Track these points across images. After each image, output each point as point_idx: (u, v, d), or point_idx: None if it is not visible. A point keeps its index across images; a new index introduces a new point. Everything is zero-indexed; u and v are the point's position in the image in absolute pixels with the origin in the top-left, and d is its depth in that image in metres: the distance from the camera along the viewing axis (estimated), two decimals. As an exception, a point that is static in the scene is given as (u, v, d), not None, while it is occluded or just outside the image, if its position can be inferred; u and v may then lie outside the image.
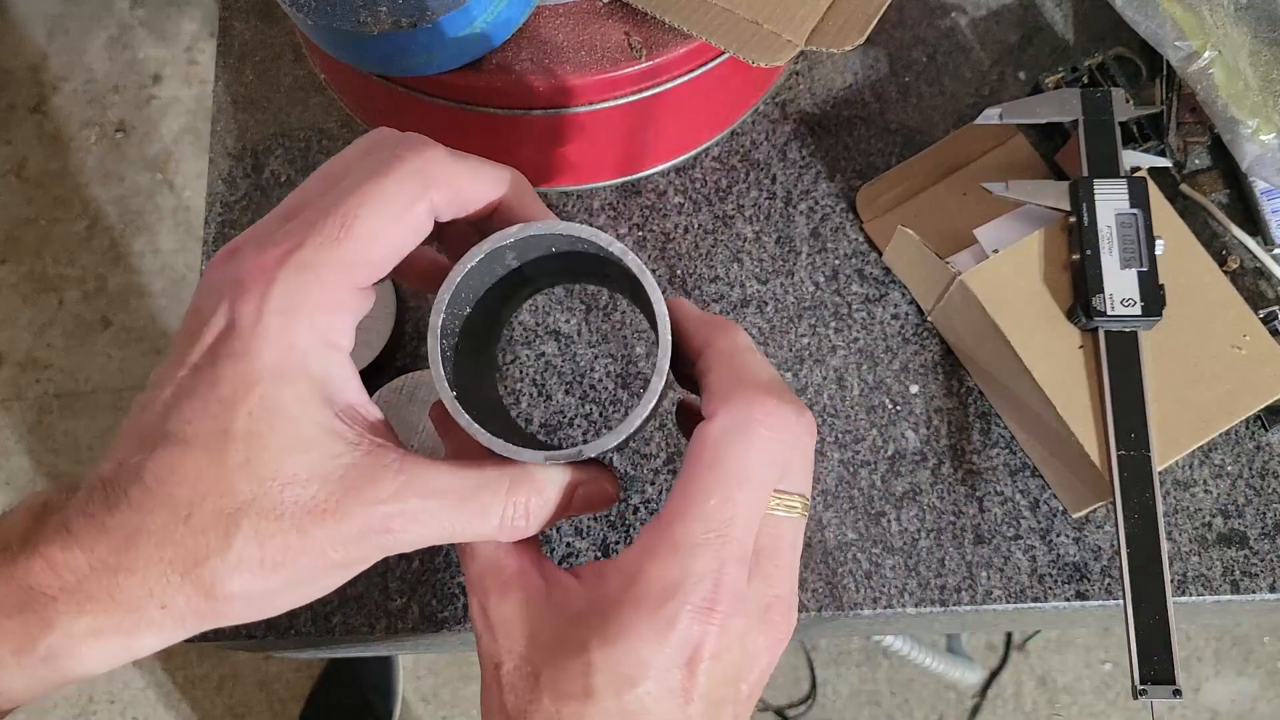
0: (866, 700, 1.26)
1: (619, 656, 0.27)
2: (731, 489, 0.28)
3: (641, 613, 0.27)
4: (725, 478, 0.28)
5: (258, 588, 0.27)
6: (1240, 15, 0.56)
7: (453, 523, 0.28)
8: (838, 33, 0.48)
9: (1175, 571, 0.53)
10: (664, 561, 0.27)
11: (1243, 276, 0.58)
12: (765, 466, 0.28)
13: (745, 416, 0.28)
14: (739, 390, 0.28)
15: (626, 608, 0.27)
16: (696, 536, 0.27)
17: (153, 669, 1.29)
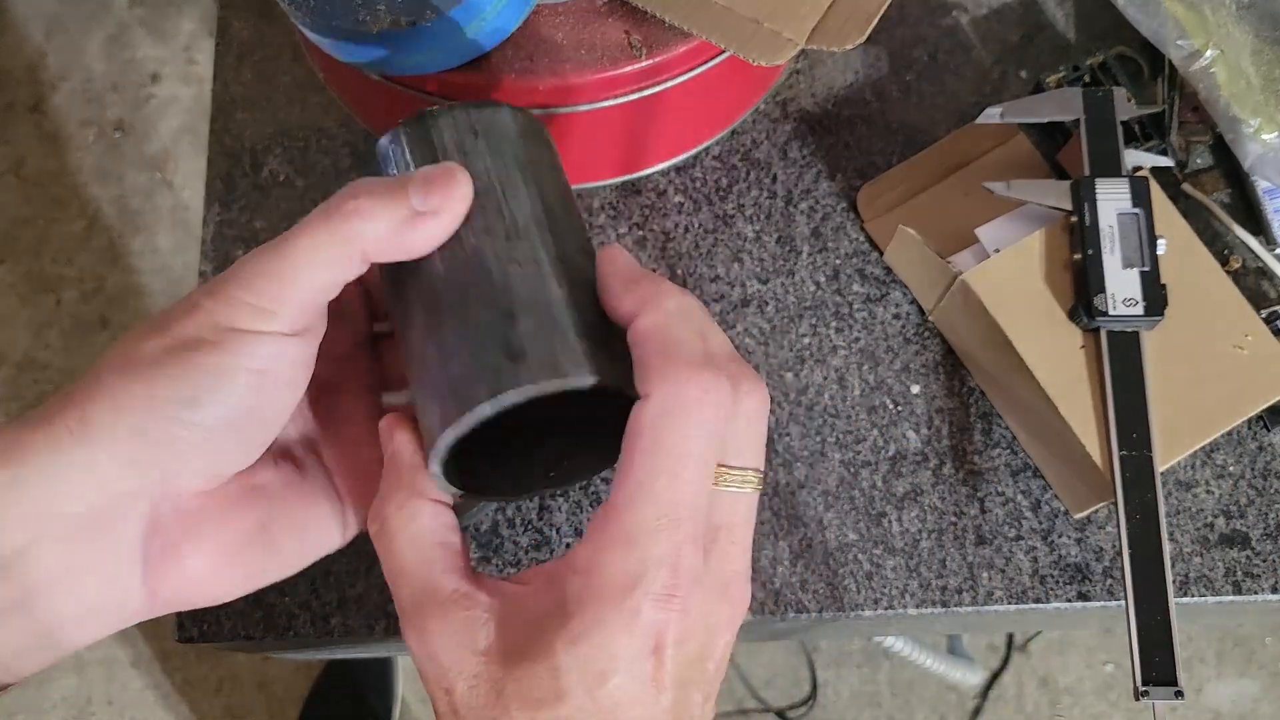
0: (867, 701, 1.26)
1: (588, 653, 0.26)
2: (676, 470, 0.27)
3: (605, 606, 0.26)
4: (668, 459, 0.27)
5: None
6: (1242, 14, 0.56)
7: None
8: (839, 31, 0.48)
9: (1177, 572, 0.53)
10: (620, 552, 0.27)
11: (1245, 276, 0.58)
12: (707, 443, 0.27)
13: (680, 394, 0.27)
14: (671, 367, 0.27)
15: (589, 603, 0.27)
16: (649, 522, 0.27)
17: (151, 670, 1.29)
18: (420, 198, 0.29)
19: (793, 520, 0.54)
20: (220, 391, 0.28)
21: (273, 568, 0.31)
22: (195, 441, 0.28)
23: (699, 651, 0.28)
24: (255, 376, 0.28)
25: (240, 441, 0.29)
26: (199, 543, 0.29)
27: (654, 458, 0.27)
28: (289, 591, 0.52)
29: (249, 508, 0.31)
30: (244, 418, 0.29)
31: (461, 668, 0.27)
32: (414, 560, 0.29)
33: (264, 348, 0.28)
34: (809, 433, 0.55)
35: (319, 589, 0.52)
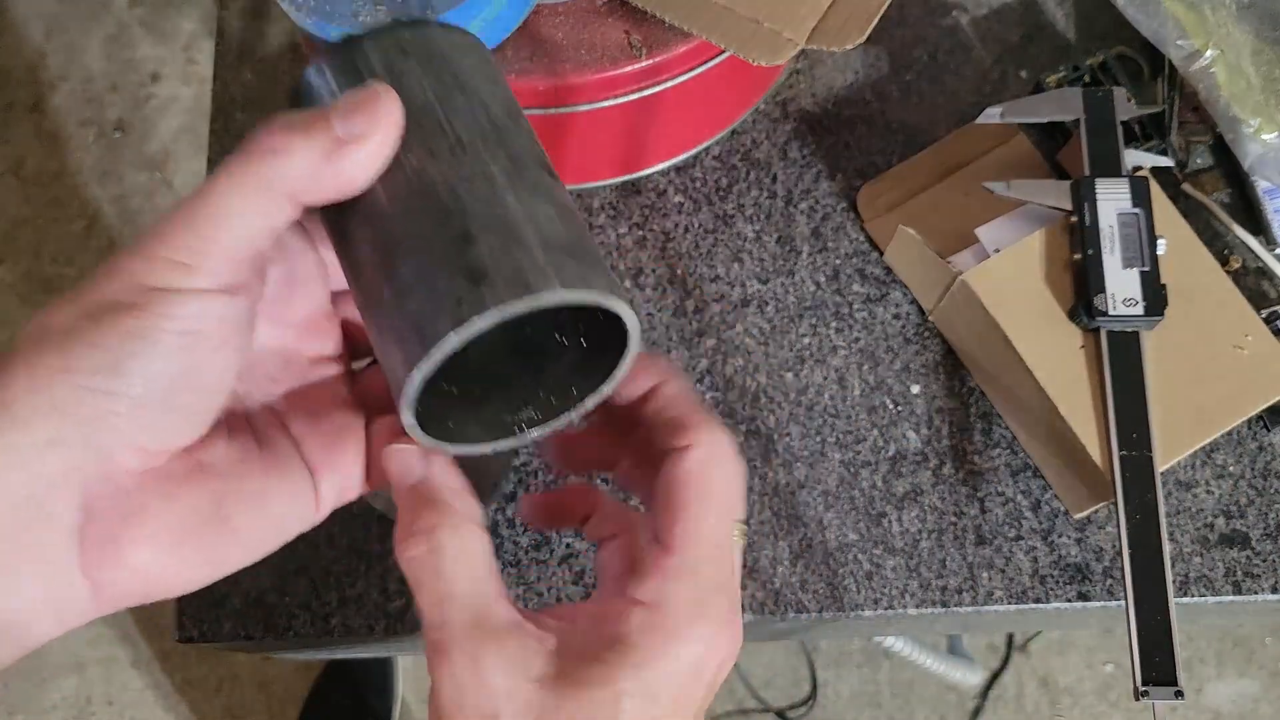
0: (867, 701, 1.26)
1: (650, 678, 0.28)
2: (722, 511, 0.30)
3: (674, 637, 0.29)
4: (717, 501, 0.30)
5: None
6: (1242, 14, 0.56)
7: None
8: (839, 31, 0.48)
9: (1177, 572, 0.53)
10: (688, 585, 0.29)
11: (1245, 276, 0.57)
12: (740, 491, 0.31)
13: (721, 446, 0.31)
14: (708, 424, 0.31)
15: (657, 634, 0.28)
16: (709, 555, 0.30)
17: (151, 670, 1.29)
18: (343, 124, 0.26)
19: (793, 520, 0.54)
20: (143, 356, 0.25)
21: (234, 552, 0.29)
22: (124, 414, 0.26)
23: (719, 681, 0.30)
24: (182, 338, 0.26)
25: (176, 412, 0.27)
26: (141, 528, 0.27)
27: (706, 500, 0.30)
28: (289, 591, 0.52)
29: (197, 487, 0.28)
30: (176, 385, 0.26)
31: (513, 694, 0.28)
32: (468, 584, 0.29)
33: (188, 306, 0.26)
34: (809, 433, 0.55)
35: (319, 589, 0.52)
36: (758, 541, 0.53)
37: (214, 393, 0.28)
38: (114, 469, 0.26)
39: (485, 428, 0.31)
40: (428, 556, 0.29)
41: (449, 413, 0.30)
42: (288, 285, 0.31)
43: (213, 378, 0.27)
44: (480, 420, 0.31)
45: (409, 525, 0.29)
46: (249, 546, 0.30)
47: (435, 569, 0.29)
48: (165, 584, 0.28)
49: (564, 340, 0.32)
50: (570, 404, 0.31)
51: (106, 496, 0.26)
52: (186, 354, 0.26)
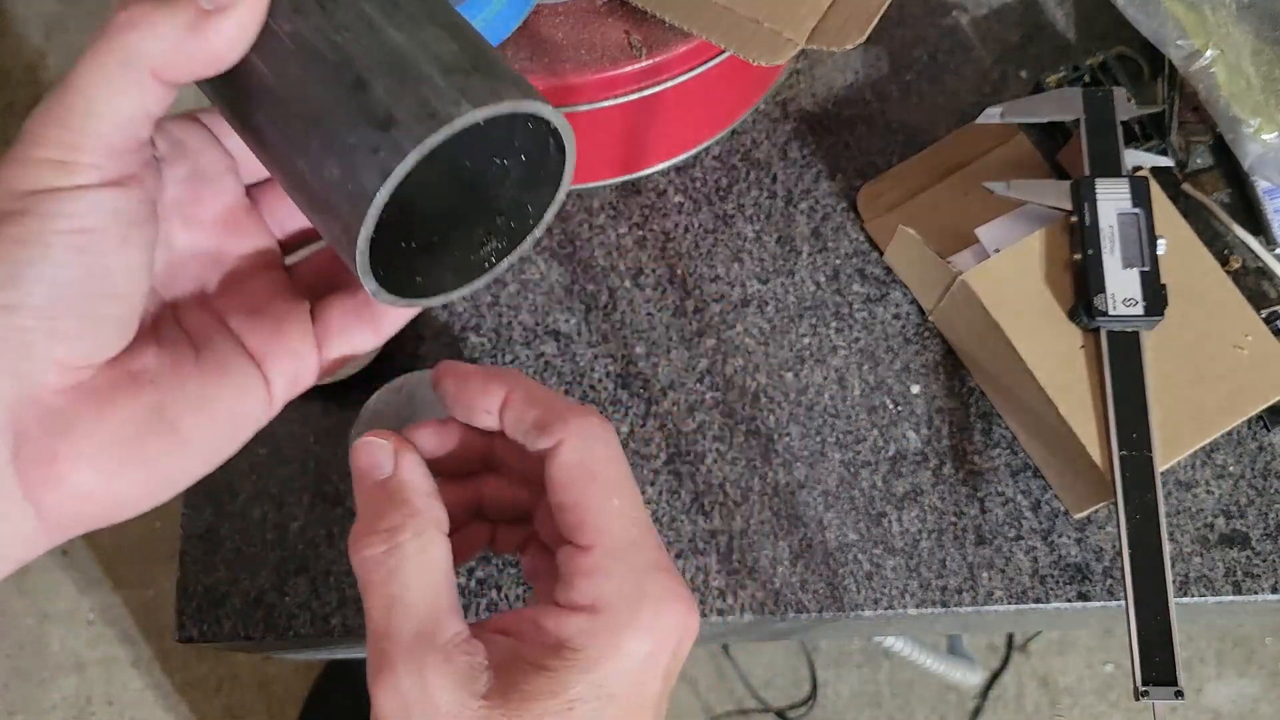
0: (867, 701, 1.26)
1: (601, 678, 0.27)
2: (621, 488, 0.30)
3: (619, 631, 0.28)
4: (610, 482, 0.29)
5: None
6: (1242, 14, 0.56)
7: None
8: (839, 31, 0.48)
9: (1177, 572, 0.53)
10: (617, 575, 0.28)
11: (1245, 276, 0.57)
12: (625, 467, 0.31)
13: (588, 429, 0.30)
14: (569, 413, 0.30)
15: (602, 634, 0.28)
16: (626, 537, 0.29)
17: (151, 670, 1.29)
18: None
19: (793, 520, 0.54)
20: (38, 263, 0.24)
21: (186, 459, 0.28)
22: (33, 328, 0.24)
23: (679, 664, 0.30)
24: (74, 238, 0.24)
25: (90, 320, 0.25)
26: (75, 444, 0.25)
27: (597, 485, 0.29)
28: (289, 591, 0.52)
29: (130, 397, 0.27)
30: (83, 290, 0.25)
31: (460, 712, 0.27)
32: (422, 593, 0.28)
33: (74, 204, 0.24)
34: (809, 433, 0.55)
35: (319, 589, 0.52)
36: (758, 541, 0.53)
37: (127, 296, 0.26)
38: (37, 390, 0.25)
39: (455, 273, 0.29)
40: (385, 558, 0.28)
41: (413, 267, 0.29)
42: (194, 183, 0.30)
43: (121, 280, 0.26)
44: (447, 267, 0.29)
45: (371, 522, 0.29)
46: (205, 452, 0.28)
47: (390, 572, 0.28)
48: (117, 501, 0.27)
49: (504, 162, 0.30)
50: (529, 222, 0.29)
51: (34, 419, 0.25)
52: (83, 255, 0.25)
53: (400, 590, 0.28)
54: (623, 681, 0.28)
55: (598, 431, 0.30)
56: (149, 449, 0.27)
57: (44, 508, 0.26)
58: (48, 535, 0.26)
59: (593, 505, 0.29)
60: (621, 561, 0.29)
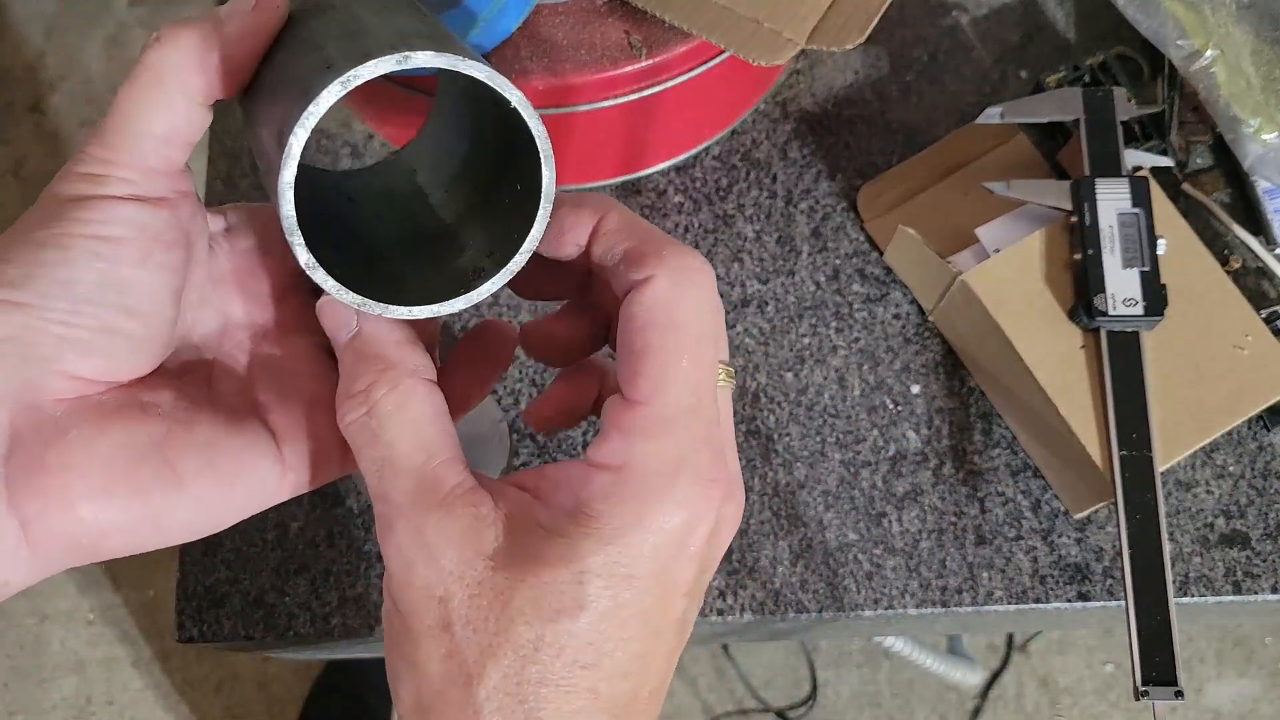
0: (867, 701, 1.26)
1: (619, 554, 0.24)
2: (697, 349, 0.25)
3: (649, 503, 0.24)
4: (688, 338, 0.25)
5: None
6: (1242, 14, 0.56)
7: None
8: (839, 31, 0.48)
9: (1177, 572, 0.53)
10: (660, 440, 0.25)
11: (1245, 276, 0.57)
12: (715, 317, 0.26)
13: (688, 272, 0.26)
14: (665, 247, 0.26)
15: (628, 501, 0.24)
16: (684, 403, 0.25)
17: (151, 670, 1.29)
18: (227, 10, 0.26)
19: (793, 520, 0.54)
20: (54, 264, 0.24)
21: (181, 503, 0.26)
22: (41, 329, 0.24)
23: (712, 553, 0.26)
24: (92, 243, 0.25)
25: (104, 331, 0.25)
26: (65, 454, 0.25)
27: (674, 336, 0.25)
28: (289, 591, 0.52)
29: (131, 422, 0.26)
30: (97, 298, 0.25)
31: (464, 573, 0.24)
32: (411, 448, 0.26)
33: (97, 212, 0.25)
34: (809, 433, 0.55)
35: (319, 589, 0.52)
36: (758, 541, 0.53)
37: (145, 317, 0.26)
38: (40, 396, 0.25)
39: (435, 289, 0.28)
40: (367, 420, 0.26)
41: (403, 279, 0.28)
42: (256, 256, 0.30)
43: (139, 297, 0.26)
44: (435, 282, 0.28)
45: (346, 387, 0.27)
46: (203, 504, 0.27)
47: (374, 434, 0.26)
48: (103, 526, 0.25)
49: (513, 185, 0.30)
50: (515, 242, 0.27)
51: (31, 424, 0.25)
52: (99, 261, 0.25)
53: (387, 450, 0.26)
54: (644, 561, 0.24)
55: (695, 275, 0.26)
56: (141, 478, 0.26)
57: (28, 523, 0.25)
58: (31, 558, 0.25)
59: (658, 358, 0.25)
60: (668, 427, 0.25)
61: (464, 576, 0.24)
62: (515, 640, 0.24)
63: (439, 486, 0.25)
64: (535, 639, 0.24)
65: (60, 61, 1.59)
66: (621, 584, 0.24)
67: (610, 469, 0.25)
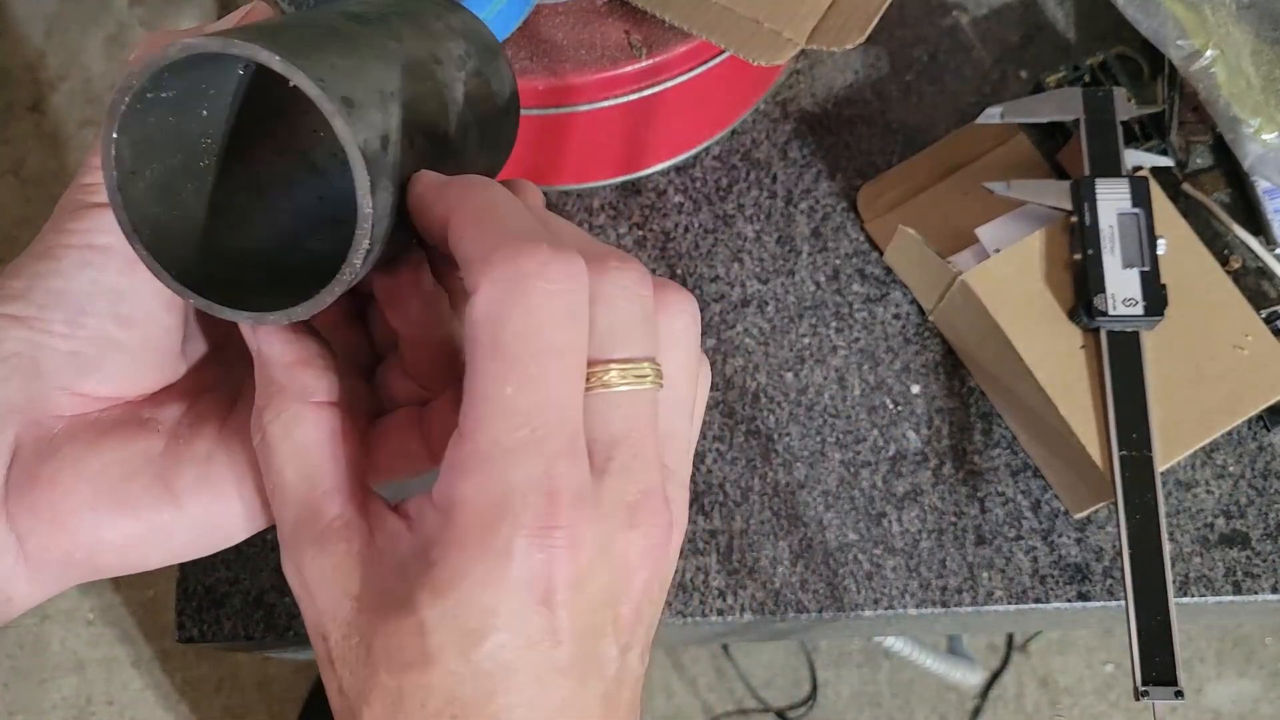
0: (867, 701, 1.26)
1: (456, 608, 0.21)
2: (530, 369, 0.21)
3: (468, 550, 0.21)
4: (517, 358, 0.21)
5: None
6: (1242, 14, 0.56)
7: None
8: (839, 31, 0.48)
9: (1177, 572, 0.53)
10: (476, 480, 0.22)
11: (1245, 276, 0.57)
12: (563, 331, 0.22)
13: (515, 273, 0.21)
14: (501, 246, 0.22)
15: (451, 548, 0.22)
16: (506, 437, 0.21)
17: (151, 670, 1.29)
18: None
19: (793, 520, 0.54)
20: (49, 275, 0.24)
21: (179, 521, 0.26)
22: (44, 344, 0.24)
23: (605, 594, 0.23)
24: (82, 253, 0.25)
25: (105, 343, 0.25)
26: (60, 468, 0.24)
27: (498, 359, 0.21)
28: (289, 591, 0.52)
29: (129, 437, 0.26)
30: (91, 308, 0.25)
31: (335, 612, 0.23)
32: (295, 477, 0.24)
33: (86, 220, 0.25)
34: (809, 433, 0.55)
35: (319, 589, 0.52)
36: (758, 541, 0.53)
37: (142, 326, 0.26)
38: (45, 413, 0.25)
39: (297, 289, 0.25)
40: (259, 448, 0.25)
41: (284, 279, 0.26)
42: None
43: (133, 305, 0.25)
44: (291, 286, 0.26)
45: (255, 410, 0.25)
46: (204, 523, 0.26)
47: (266, 461, 0.25)
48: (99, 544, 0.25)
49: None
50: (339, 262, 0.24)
51: (31, 440, 0.25)
52: (88, 269, 0.25)
53: (276, 478, 0.24)
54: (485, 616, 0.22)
55: (529, 281, 0.21)
56: (132, 494, 0.25)
57: (24, 539, 0.24)
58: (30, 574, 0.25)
59: (478, 384, 0.22)
60: (486, 465, 0.21)
61: (336, 616, 0.23)
62: (381, 686, 0.22)
63: (318, 519, 0.24)
64: (396, 689, 0.22)
65: (60, 61, 1.59)
66: (468, 639, 0.21)
67: (440, 509, 0.22)
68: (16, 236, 1.51)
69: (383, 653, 0.22)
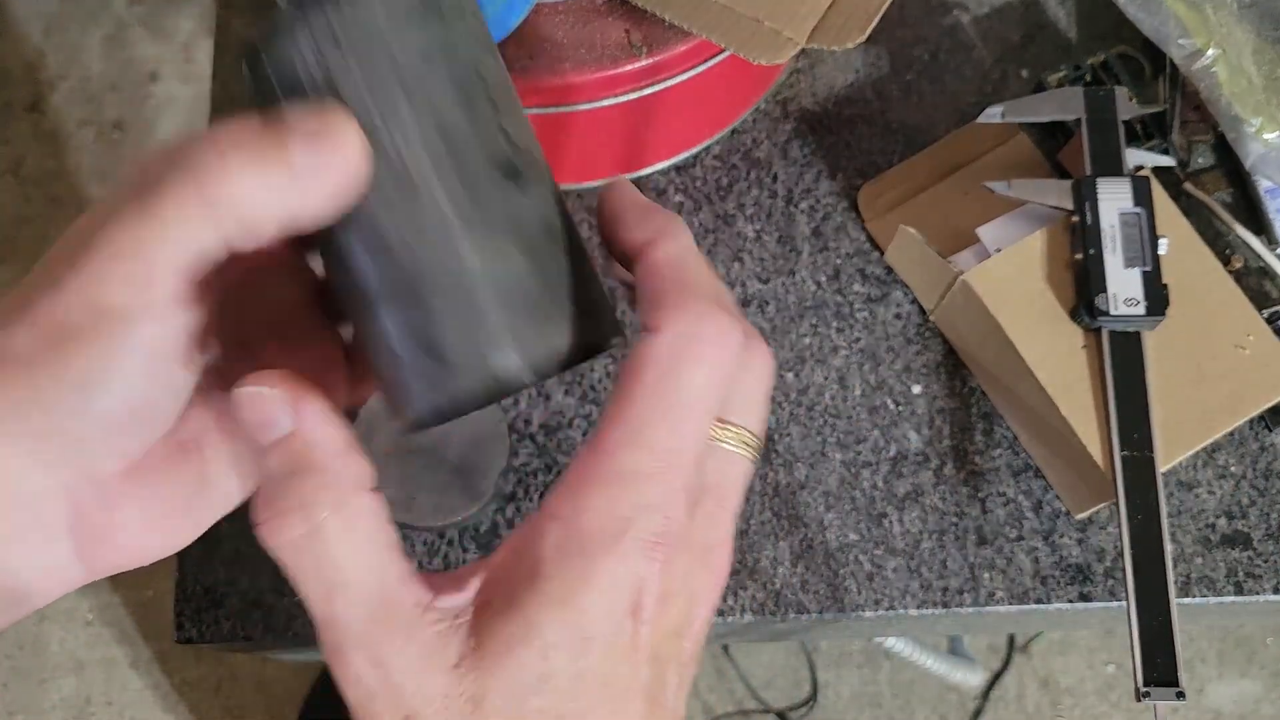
0: (868, 702, 1.26)
1: (573, 617, 0.23)
2: (681, 414, 0.24)
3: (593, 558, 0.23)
4: (674, 402, 0.24)
5: None
6: (1243, 13, 0.56)
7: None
8: (839, 30, 0.48)
9: (1179, 573, 0.53)
10: (609, 494, 0.24)
11: (1246, 276, 0.57)
12: (715, 390, 0.25)
13: (696, 332, 0.24)
14: (690, 301, 0.24)
15: (573, 556, 0.23)
16: (645, 465, 0.24)
17: (150, 671, 1.29)
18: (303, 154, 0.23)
19: (793, 521, 0.54)
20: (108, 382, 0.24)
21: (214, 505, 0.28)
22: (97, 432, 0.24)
23: (678, 622, 0.25)
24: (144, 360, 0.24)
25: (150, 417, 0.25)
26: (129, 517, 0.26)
27: (658, 398, 0.24)
28: (288, 591, 0.52)
29: (179, 467, 0.27)
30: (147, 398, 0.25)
31: (429, 691, 0.23)
32: (363, 571, 0.24)
33: (146, 328, 0.24)
34: (810, 433, 0.55)
35: (318, 590, 0.52)
36: (758, 541, 0.53)
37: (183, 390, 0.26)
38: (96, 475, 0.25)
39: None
40: (306, 541, 0.24)
41: None
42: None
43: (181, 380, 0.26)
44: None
45: (278, 499, 0.24)
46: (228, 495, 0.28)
47: (319, 558, 0.24)
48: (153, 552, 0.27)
49: None
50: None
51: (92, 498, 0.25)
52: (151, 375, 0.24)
53: (336, 574, 0.24)
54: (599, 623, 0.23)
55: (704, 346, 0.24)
56: (195, 511, 0.27)
57: (93, 565, 0.26)
58: (88, 576, 0.26)
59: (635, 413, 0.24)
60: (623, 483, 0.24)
61: (429, 695, 0.23)
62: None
63: (397, 609, 0.24)
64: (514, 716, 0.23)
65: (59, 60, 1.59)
66: (581, 649, 0.23)
67: (561, 518, 0.24)
68: (16, 236, 1.51)
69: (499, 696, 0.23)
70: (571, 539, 0.23)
